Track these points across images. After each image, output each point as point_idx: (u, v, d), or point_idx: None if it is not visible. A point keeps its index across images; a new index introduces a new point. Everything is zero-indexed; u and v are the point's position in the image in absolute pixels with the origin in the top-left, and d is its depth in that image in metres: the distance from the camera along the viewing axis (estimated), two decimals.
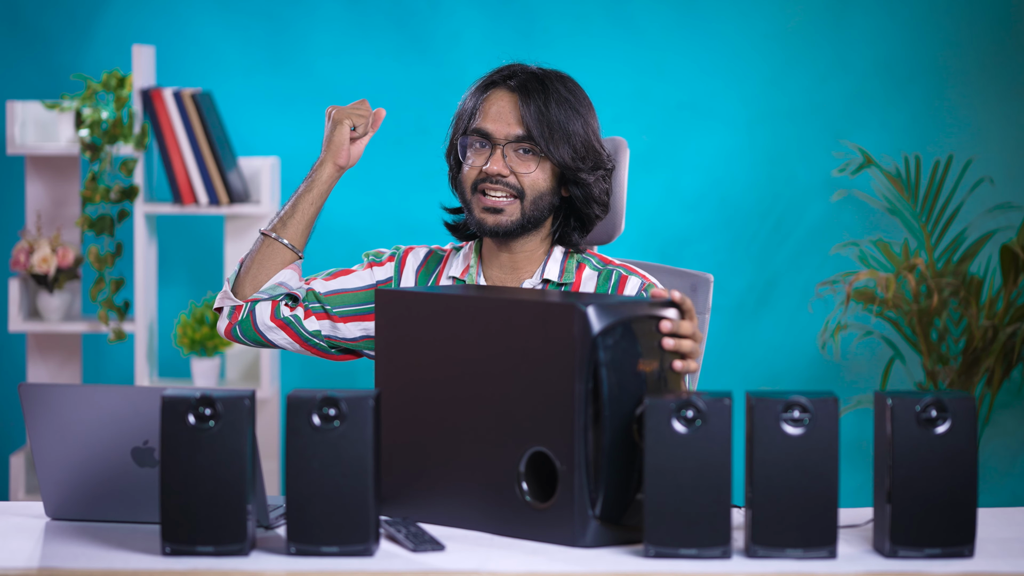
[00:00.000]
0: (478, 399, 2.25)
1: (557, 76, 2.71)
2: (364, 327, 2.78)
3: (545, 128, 2.65)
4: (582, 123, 2.68)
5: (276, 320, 2.74)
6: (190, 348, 4.72)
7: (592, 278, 2.73)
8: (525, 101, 2.67)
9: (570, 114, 2.67)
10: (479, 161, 2.69)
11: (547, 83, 2.68)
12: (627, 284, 2.71)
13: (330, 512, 2.12)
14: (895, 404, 2.11)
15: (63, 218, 4.78)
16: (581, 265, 2.75)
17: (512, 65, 2.73)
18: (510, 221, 2.68)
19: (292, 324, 2.75)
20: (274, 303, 2.74)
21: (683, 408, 2.10)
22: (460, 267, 2.77)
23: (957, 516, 2.11)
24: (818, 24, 4.96)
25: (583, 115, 2.69)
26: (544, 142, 2.65)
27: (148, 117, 4.62)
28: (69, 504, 2.33)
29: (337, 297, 2.77)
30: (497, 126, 2.68)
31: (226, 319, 2.75)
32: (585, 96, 2.73)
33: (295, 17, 4.97)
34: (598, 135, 2.72)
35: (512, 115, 2.67)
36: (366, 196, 4.98)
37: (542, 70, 2.72)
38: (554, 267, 2.73)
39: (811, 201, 4.99)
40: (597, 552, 2.15)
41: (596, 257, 2.77)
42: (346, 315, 2.77)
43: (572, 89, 2.71)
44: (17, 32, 4.97)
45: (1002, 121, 4.96)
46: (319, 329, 2.76)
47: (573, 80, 2.74)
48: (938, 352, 4.73)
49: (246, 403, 2.12)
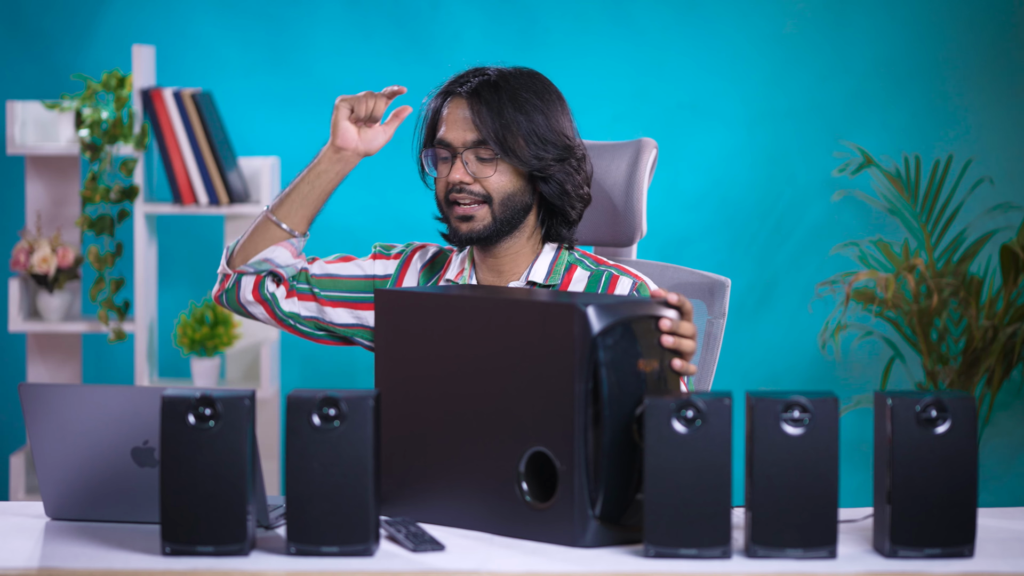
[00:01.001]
0: (478, 399, 2.25)
1: (516, 74, 2.69)
2: (357, 315, 2.78)
3: (499, 129, 2.63)
4: (542, 118, 2.65)
5: (257, 295, 2.76)
6: (190, 348, 4.72)
7: (583, 279, 2.71)
8: (476, 105, 2.65)
9: (528, 110, 2.65)
10: (444, 171, 2.69)
11: (501, 84, 2.66)
12: (618, 284, 2.70)
13: (330, 512, 2.12)
14: (895, 404, 2.11)
15: (63, 218, 4.78)
16: (572, 266, 2.73)
17: (470, 71, 2.71)
18: (482, 227, 2.67)
19: (270, 302, 2.77)
20: (259, 278, 2.76)
21: (683, 408, 2.10)
22: (456, 270, 2.77)
23: (957, 516, 2.11)
24: (818, 24, 4.96)
25: (544, 109, 2.66)
26: (499, 144, 2.63)
27: (148, 117, 4.62)
28: (69, 504, 2.33)
29: (328, 281, 2.79)
30: (454, 134, 2.67)
31: (217, 285, 2.79)
32: (548, 90, 2.69)
33: (295, 17, 4.97)
34: (565, 127, 2.68)
35: (467, 122, 2.66)
36: (366, 196, 4.98)
37: (501, 71, 2.69)
38: (541, 268, 2.71)
39: (811, 201, 4.99)
40: (597, 552, 2.15)
41: (590, 258, 2.75)
42: (335, 300, 2.78)
43: (531, 85, 2.68)
44: (17, 32, 4.97)
45: (1002, 121, 4.96)
46: (297, 311, 2.77)
47: (537, 75, 2.71)
48: (938, 352, 4.73)
49: (246, 403, 2.12)
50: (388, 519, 2.27)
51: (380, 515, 2.21)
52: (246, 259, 2.75)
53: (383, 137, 2.73)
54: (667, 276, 2.93)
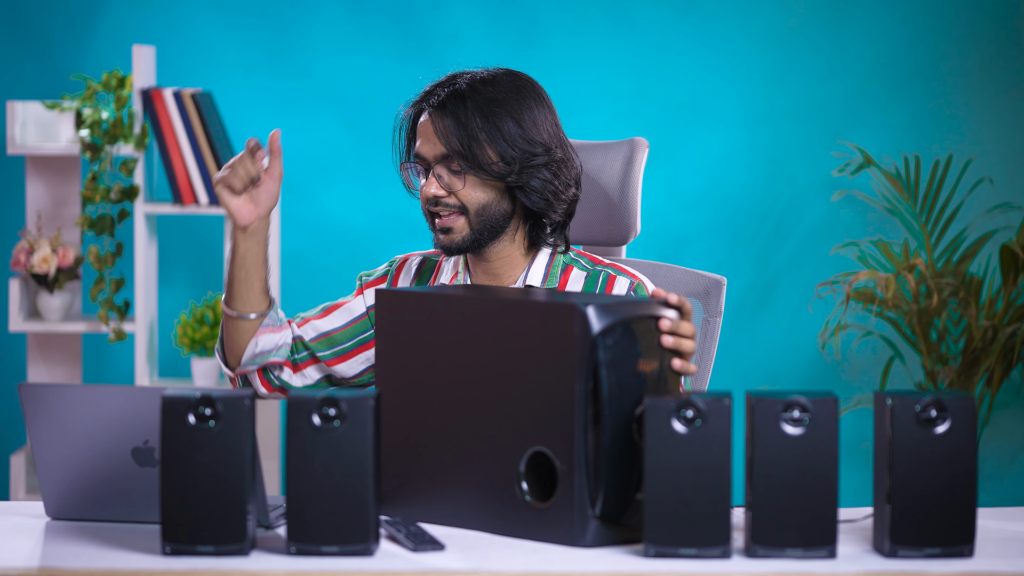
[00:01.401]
0: (478, 399, 2.25)
1: (489, 79, 2.63)
2: (367, 357, 2.75)
3: (466, 142, 2.59)
4: (513, 124, 2.60)
5: (270, 388, 2.74)
6: (190, 348, 4.72)
7: (580, 280, 2.69)
8: (443, 119, 2.61)
9: (498, 117, 2.59)
10: (422, 184, 2.65)
11: (469, 94, 2.60)
12: (615, 284, 2.68)
13: (330, 512, 2.12)
14: (895, 404, 2.11)
15: (63, 218, 4.78)
16: (568, 267, 2.71)
17: (443, 80, 2.66)
18: (461, 238, 2.64)
19: (284, 387, 2.75)
20: (261, 371, 2.73)
21: (683, 408, 2.10)
22: (449, 275, 2.75)
23: (957, 516, 2.11)
24: (818, 24, 4.96)
25: (516, 114, 2.60)
26: (464, 159, 2.59)
27: (148, 117, 4.62)
28: (69, 504, 2.33)
29: (324, 341, 2.75)
30: (426, 148, 2.63)
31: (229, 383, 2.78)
32: (523, 92, 2.63)
33: (295, 17, 4.97)
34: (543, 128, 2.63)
35: (435, 135, 2.62)
36: (366, 196, 4.99)
37: (473, 78, 2.63)
38: (538, 272, 2.69)
39: (811, 201, 4.99)
40: (597, 552, 2.15)
41: (586, 258, 2.73)
42: (338, 356, 2.75)
43: (505, 89, 2.62)
44: (17, 32, 4.97)
45: (1002, 121, 4.96)
46: (308, 382, 2.76)
47: (514, 76, 2.66)
48: (938, 352, 4.74)
49: (246, 403, 2.12)
50: (388, 519, 2.27)
51: (380, 515, 2.21)
52: (238, 360, 2.70)
53: (273, 184, 2.61)
54: (660, 275, 2.93)
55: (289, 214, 4.96)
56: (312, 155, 4.99)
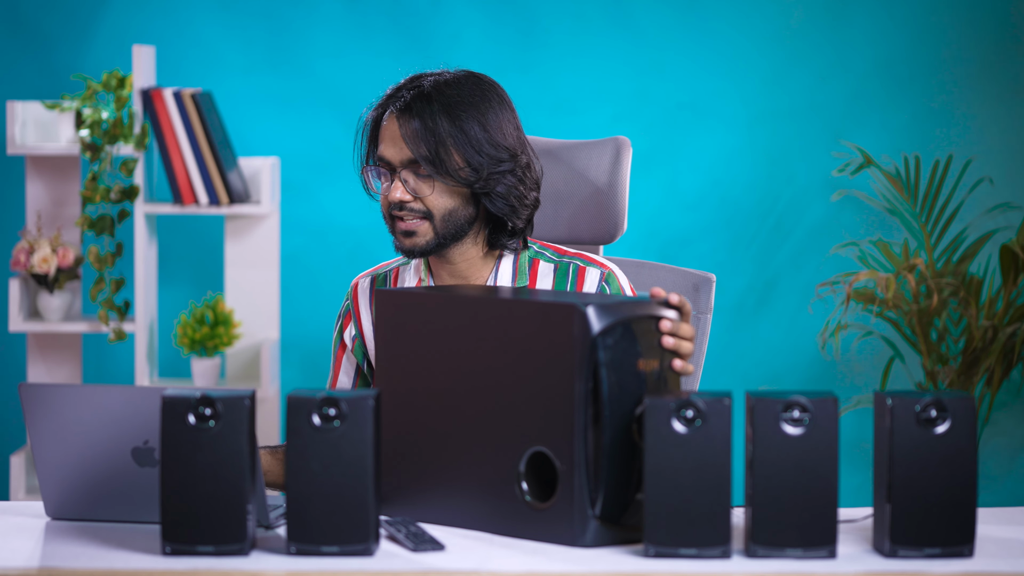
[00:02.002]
0: (478, 399, 2.25)
1: (452, 82, 2.62)
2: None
3: (433, 147, 2.57)
4: (479, 127, 2.58)
5: None
6: (190, 348, 4.72)
7: (548, 272, 2.69)
8: (410, 122, 2.59)
9: (464, 120, 2.58)
10: (385, 187, 2.64)
11: (434, 96, 2.60)
12: (586, 275, 2.68)
13: (330, 512, 2.12)
14: (895, 404, 2.11)
15: (63, 218, 4.78)
16: (535, 260, 2.70)
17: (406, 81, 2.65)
18: (424, 242, 2.63)
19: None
20: None
21: (683, 408, 2.10)
22: (413, 280, 2.74)
23: (957, 516, 2.11)
24: (818, 24, 4.96)
25: (480, 117, 2.59)
26: (432, 164, 2.58)
27: (148, 117, 4.62)
28: (69, 504, 2.33)
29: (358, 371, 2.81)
30: (391, 152, 2.62)
31: None
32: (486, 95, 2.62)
33: (295, 17, 4.97)
34: (507, 131, 2.62)
35: (401, 139, 2.61)
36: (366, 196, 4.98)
37: (437, 80, 2.63)
38: (506, 270, 2.69)
39: (811, 201, 4.99)
40: (597, 552, 2.15)
41: (550, 249, 2.72)
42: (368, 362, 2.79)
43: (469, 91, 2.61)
44: (17, 32, 4.97)
45: (1002, 121, 4.96)
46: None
47: (477, 78, 2.64)
48: (938, 352, 4.73)
49: (246, 403, 2.12)
50: (388, 519, 2.27)
51: (380, 515, 2.21)
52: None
53: None
54: (644, 274, 2.93)
55: (289, 214, 4.96)
56: (312, 155, 4.99)
